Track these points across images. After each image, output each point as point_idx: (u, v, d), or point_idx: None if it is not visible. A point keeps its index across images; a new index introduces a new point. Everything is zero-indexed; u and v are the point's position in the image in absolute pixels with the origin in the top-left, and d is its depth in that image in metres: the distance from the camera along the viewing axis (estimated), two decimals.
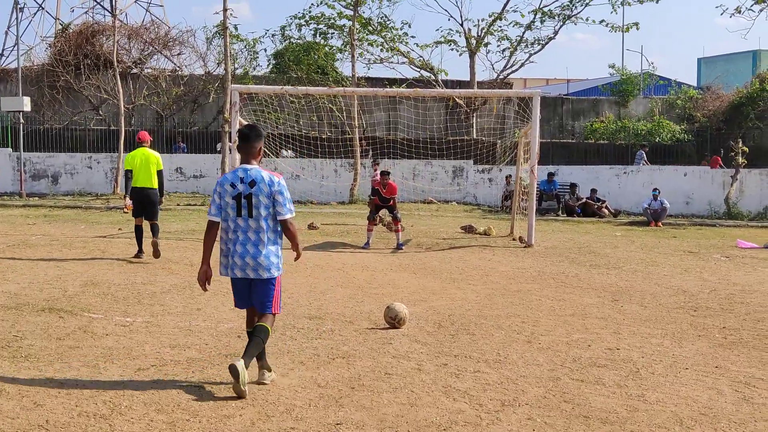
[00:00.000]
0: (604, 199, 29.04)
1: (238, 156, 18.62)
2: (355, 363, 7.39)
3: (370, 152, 33.14)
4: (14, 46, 40.16)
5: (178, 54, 40.33)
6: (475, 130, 36.53)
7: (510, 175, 28.62)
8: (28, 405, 5.91)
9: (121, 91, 32.96)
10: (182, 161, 32.64)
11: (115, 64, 33.58)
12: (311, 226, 21.37)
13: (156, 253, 14.16)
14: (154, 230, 14.49)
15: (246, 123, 6.68)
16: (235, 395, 6.19)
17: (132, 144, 32.89)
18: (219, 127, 33.07)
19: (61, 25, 42.75)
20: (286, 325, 9.01)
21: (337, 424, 5.72)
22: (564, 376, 7.14)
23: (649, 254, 17.07)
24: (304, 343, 8.17)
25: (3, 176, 31.14)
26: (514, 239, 19.61)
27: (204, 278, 6.72)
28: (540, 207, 26.60)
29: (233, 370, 6.12)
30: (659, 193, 26.22)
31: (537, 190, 19.57)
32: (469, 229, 21.31)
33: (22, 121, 31.62)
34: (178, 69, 39.59)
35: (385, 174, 17.93)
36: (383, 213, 18.89)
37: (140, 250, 14.47)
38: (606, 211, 28.31)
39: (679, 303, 11.19)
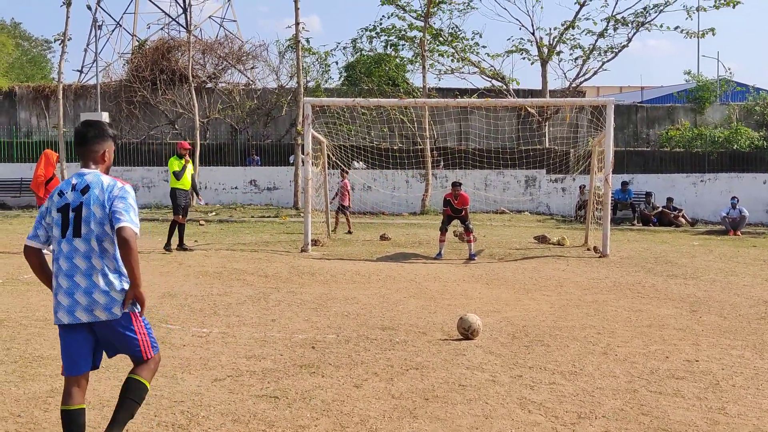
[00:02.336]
0: (680, 207, 28.54)
1: (311, 168, 19.01)
2: (429, 374, 7.38)
3: (442, 163, 33.12)
4: (93, 63, 41.35)
5: (252, 68, 40.91)
6: (547, 139, 36.23)
7: (584, 185, 28.31)
8: (109, 415, 6.00)
9: (196, 105, 33.54)
10: (256, 174, 33.04)
11: (191, 78, 34.20)
12: (383, 237, 21.43)
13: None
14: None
15: (88, 120, 5.28)
16: None
17: (209, 157, 33.56)
18: (292, 140, 33.45)
19: (138, 41, 43.74)
20: (360, 336, 9.04)
21: None
22: (641, 388, 7.02)
23: (728, 264, 16.70)
24: (378, 354, 8.19)
25: None
26: (588, 249, 19.39)
27: None
28: (615, 216, 26.26)
29: None
30: (738, 201, 25.66)
31: (611, 200, 19.31)
32: (542, 240, 21.13)
33: None
34: (251, 83, 40.14)
35: (456, 185, 17.88)
36: (455, 224, 18.84)
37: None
38: (683, 220, 27.83)
39: (759, 314, 10.92)
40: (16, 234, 21.33)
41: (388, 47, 37.13)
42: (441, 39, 35.55)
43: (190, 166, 17.62)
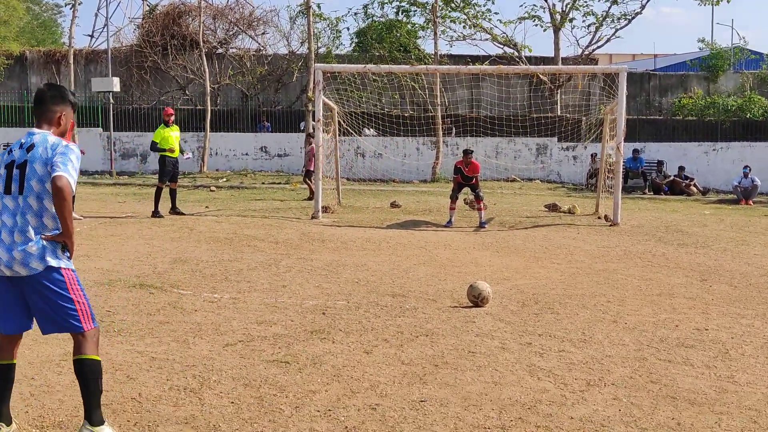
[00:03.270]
0: (692, 176, 28.44)
1: (322, 135, 18.98)
2: (439, 341, 7.41)
3: (453, 130, 33.02)
4: (104, 28, 41.07)
5: (262, 34, 40.67)
6: (559, 107, 36.03)
7: (595, 153, 28.21)
8: (122, 378, 6.09)
9: (206, 71, 33.46)
10: (266, 140, 33.02)
11: (201, 44, 34.10)
12: (394, 204, 21.45)
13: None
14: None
15: (50, 82, 5.06)
16: None
17: (220, 123, 33.54)
18: (303, 106, 33.34)
19: (149, 6, 43.51)
20: (370, 302, 9.08)
21: (421, 401, 5.75)
22: (651, 356, 7.04)
23: (739, 233, 16.67)
24: (388, 320, 8.22)
25: (94, 155, 31.94)
26: (599, 218, 19.37)
27: None
28: (626, 185, 26.19)
29: None
30: (750, 170, 25.55)
31: (623, 168, 19.25)
32: (553, 208, 21.12)
33: (111, 101, 32.38)
34: (262, 48, 39.95)
35: (467, 152, 17.84)
36: (466, 191, 18.82)
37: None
38: (694, 189, 27.75)
39: None
40: None
41: (400, 13, 36.94)
42: (453, 5, 35.28)
43: (176, 132, 17.71)
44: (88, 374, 4.85)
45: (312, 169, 23.10)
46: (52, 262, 4.79)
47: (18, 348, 5.07)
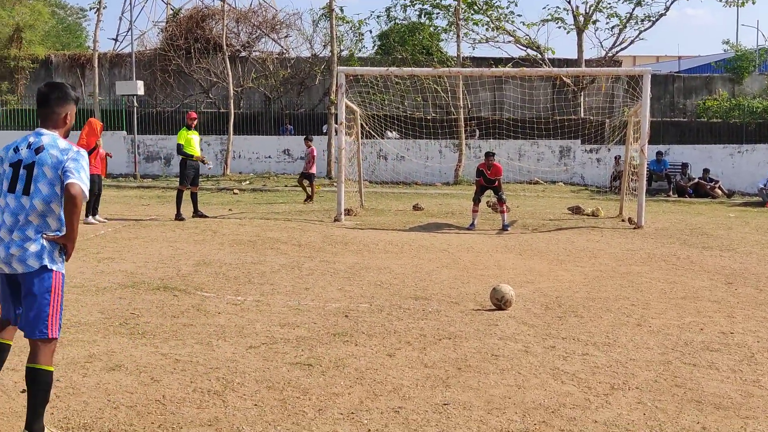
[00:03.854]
0: (717, 179, 28.23)
1: (344, 138, 19.00)
2: (462, 344, 7.40)
3: (477, 132, 32.97)
4: (128, 32, 41.40)
5: (285, 37, 40.89)
6: (582, 109, 35.92)
7: (619, 156, 28.08)
8: (146, 380, 6.12)
9: (230, 74, 33.62)
10: (289, 143, 33.10)
11: (225, 47, 34.25)
12: (416, 207, 21.44)
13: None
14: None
15: (51, 81, 5.09)
16: None
17: (243, 126, 33.65)
18: (325, 109, 33.42)
19: (173, 10, 43.78)
20: (393, 305, 9.08)
21: (445, 404, 5.74)
22: (675, 360, 6.99)
23: (765, 236, 16.52)
24: (411, 323, 8.21)
25: (118, 158, 32.13)
26: (623, 220, 19.27)
27: None
28: (650, 187, 26.04)
29: None
30: None
31: (647, 170, 19.14)
32: (576, 210, 21.03)
33: (135, 104, 32.60)
34: (285, 52, 40.13)
35: (489, 155, 17.81)
36: (488, 194, 18.77)
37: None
38: (719, 191, 27.53)
39: None
40: None
41: (422, 16, 36.93)
42: (476, 7, 35.26)
43: (197, 136, 17.81)
44: (40, 384, 4.82)
45: (311, 171, 23.10)
46: (48, 262, 4.84)
47: (15, 332, 5.13)
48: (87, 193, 4.84)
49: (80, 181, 4.78)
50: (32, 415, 4.82)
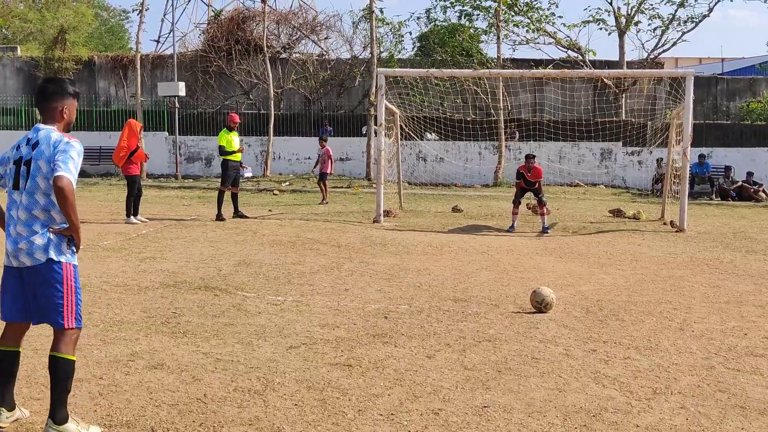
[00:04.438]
0: (761, 182, 27.86)
1: (384, 139, 19.01)
2: (502, 346, 7.36)
3: (518, 134, 32.84)
4: (170, 33, 41.84)
5: (325, 38, 41.00)
6: (624, 111, 35.63)
7: (661, 158, 27.81)
8: (187, 379, 6.17)
9: (270, 75, 33.79)
10: (329, 144, 33.13)
11: (265, 49, 34.44)
12: (455, 209, 21.40)
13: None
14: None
15: (50, 77, 5.07)
16: None
17: (283, 127, 33.81)
18: (365, 111, 33.47)
19: (214, 11, 44.14)
20: (432, 307, 9.06)
21: (484, 406, 5.72)
22: (719, 364, 6.90)
23: None
24: (450, 325, 8.19)
25: (159, 159, 32.46)
26: (665, 224, 19.08)
27: None
28: (692, 191, 25.77)
29: None
30: None
31: (689, 173, 18.93)
32: (617, 213, 20.86)
33: (177, 105, 32.88)
34: (325, 53, 40.24)
35: (530, 157, 17.73)
36: (528, 196, 18.68)
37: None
38: (763, 194, 27.20)
39: None
40: (96, 201, 21.86)
41: (463, 17, 36.88)
42: (516, 9, 35.14)
43: (237, 138, 17.90)
44: (60, 373, 4.88)
45: (327, 172, 23.09)
46: (54, 255, 4.89)
47: (23, 337, 5.19)
48: (74, 182, 4.85)
49: (66, 173, 4.80)
50: (55, 403, 4.87)
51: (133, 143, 16.81)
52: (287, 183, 29.65)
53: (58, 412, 4.86)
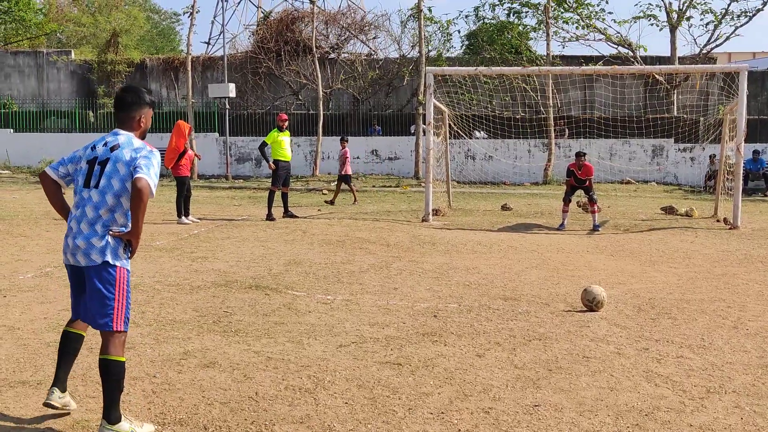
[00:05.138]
0: None
1: (432, 138, 19.00)
2: (552, 345, 7.32)
3: (566, 132, 32.60)
4: (220, 35, 42.33)
5: (374, 38, 41.04)
6: (676, 107, 35.17)
7: (714, 154, 27.43)
8: (239, 377, 6.23)
9: (319, 76, 33.95)
10: (377, 143, 33.27)
11: (314, 49, 34.60)
12: (505, 207, 21.32)
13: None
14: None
15: (126, 85, 5.21)
16: None
17: (332, 127, 33.94)
18: (413, 110, 33.47)
19: (263, 13, 44.42)
20: (482, 306, 9.04)
21: (535, 405, 5.69)
22: None
23: None
24: (500, 324, 8.17)
25: (210, 160, 32.80)
26: (718, 221, 18.81)
27: None
28: (746, 187, 25.37)
29: None
30: None
31: (743, 170, 18.64)
32: (669, 210, 20.62)
33: (227, 106, 33.19)
34: (373, 53, 40.29)
35: (580, 155, 17.59)
36: (579, 194, 18.54)
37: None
38: None
39: None
40: (151, 203, 22.08)
41: (511, 14, 36.72)
42: (566, 5, 34.87)
43: (288, 137, 17.96)
44: (111, 374, 4.96)
45: (348, 173, 22.81)
46: (110, 258, 4.96)
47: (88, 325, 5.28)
48: (154, 190, 4.95)
49: (148, 177, 4.91)
50: (108, 404, 4.95)
51: (181, 144, 17.01)
52: (336, 182, 29.75)
53: (111, 413, 4.94)
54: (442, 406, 5.67)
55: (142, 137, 5.27)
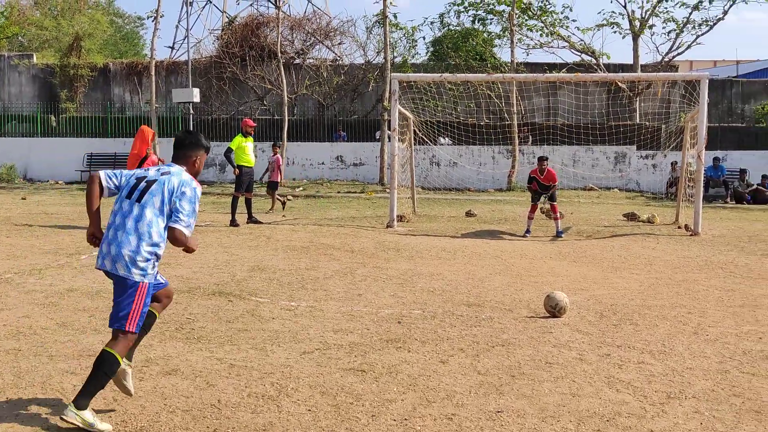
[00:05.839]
0: None
1: (397, 144, 19.00)
2: (515, 351, 7.36)
3: (530, 139, 32.80)
4: (184, 39, 41.99)
5: (339, 44, 41.01)
6: (638, 114, 35.53)
7: (675, 162, 27.73)
8: (201, 385, 6.19)
9: (284, 81, 33.84)
10: (342, 149, 33.24)
11: (279, 55, 34.49)
12: (469, 214, 21.40)
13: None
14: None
15: (189, 129, 5.68)
16: None
17: (297, 133, 33.85)
18: (378, 116, 33.50)
19: (228, 18, 44.29)
20: (445, 312, 9.06)
21: (498, 411, 5.72)
22: (733, 369, 6.88)
23: None
24: (464, 330, 8.19)
25: None
26: (679, 227, 19.01)
27: (91, 240, 5.61)
28: (707, 194, 25.68)
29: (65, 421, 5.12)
30: None
31: (704, 177, 18.87)
32: (631, 217, 20.81)
33: (191, 111, 32.99)
34: (338, 58, 40.26)
35: (543, 159, 17.64)
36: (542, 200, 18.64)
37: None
38: None
39: None
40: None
41: (476, 22, 36.89)
42: (530, 13, 35.14)
43: (251, 143, 17.92)
44: (105, 367, 5.24)
45: (276, 180, 21.91)
46: (136, 275, 5.31)
47: (161, 308, 5.81)
48: (188, 233, 5.42)
49: (182, 226, 5.37)
50: (84, 391, 5.19)
51: (143, 150, 16.86)
52: (300, 188, 29.69)
53: (82, 400, 5.14)
54: (406, 412, 5.67)
55: (195, 176, 5.67)
